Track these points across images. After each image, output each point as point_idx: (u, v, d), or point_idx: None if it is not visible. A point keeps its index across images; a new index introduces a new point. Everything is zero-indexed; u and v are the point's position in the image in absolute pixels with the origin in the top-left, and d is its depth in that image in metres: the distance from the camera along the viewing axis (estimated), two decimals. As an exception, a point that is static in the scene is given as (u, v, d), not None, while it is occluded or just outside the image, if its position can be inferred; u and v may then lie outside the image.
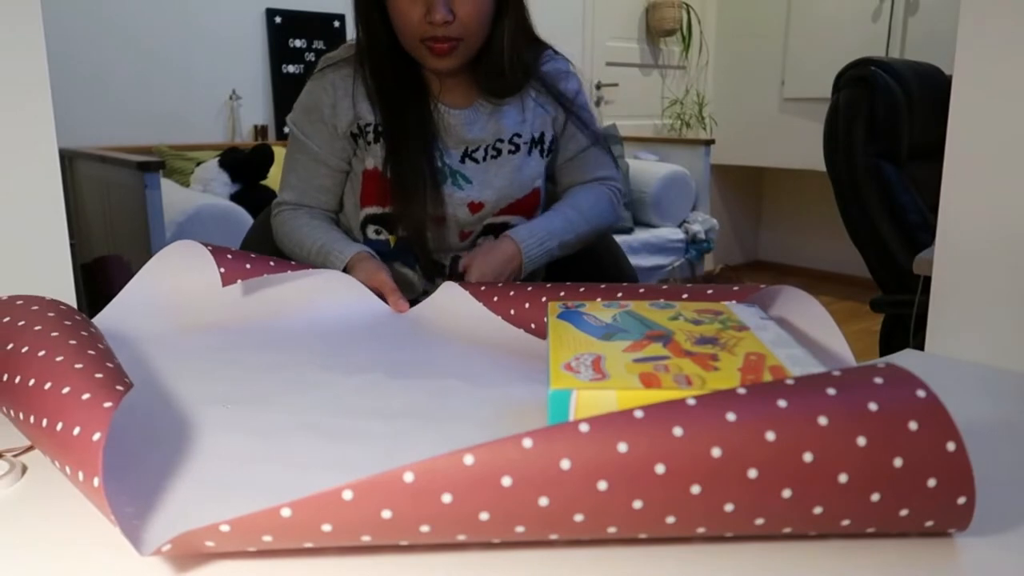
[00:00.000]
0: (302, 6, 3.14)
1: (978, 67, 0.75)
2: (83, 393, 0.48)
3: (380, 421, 0.59)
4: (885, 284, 1.86)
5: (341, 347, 0.78)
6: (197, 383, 0.67)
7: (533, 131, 1.12)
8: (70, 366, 0.51)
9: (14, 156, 0.79)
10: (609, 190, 1.17)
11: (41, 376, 0.51)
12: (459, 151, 1.09)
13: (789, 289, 0.70)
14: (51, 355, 0.53)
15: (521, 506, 0.37)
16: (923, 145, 1.88)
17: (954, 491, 0.40)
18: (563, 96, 1.13)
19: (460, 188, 1.08)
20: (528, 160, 1.11)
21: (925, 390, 0.41)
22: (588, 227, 1.12)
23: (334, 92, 1.07)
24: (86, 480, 0.43)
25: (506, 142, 1.10)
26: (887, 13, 3.72)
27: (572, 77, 1.16)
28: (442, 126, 1.08)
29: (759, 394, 0.40)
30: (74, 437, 0.45)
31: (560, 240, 1.07)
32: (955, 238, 0.78)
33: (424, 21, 0.98)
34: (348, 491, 0.37)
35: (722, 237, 4.37)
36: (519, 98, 1.11)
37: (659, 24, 4.24)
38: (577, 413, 0.47)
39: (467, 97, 1.10)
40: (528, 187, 1.12)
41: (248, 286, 0.87)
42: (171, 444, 0.55)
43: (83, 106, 2.70)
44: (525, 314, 0.79)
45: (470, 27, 1.00)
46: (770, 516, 0.39)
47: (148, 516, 0.45)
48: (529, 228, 1.06)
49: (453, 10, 0.98)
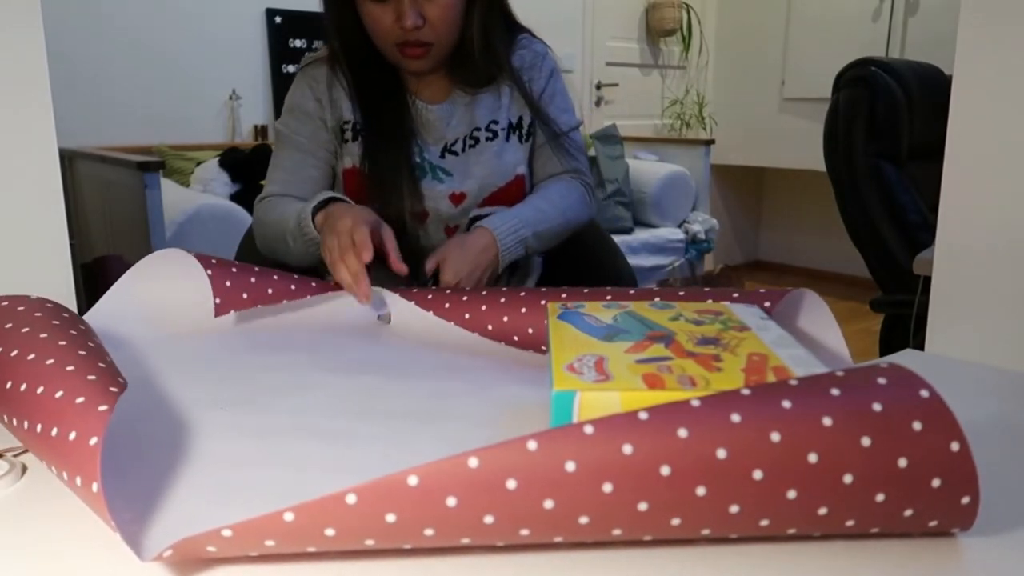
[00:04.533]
0: (302, 6, 3.14)
1: (978, 67, 0.75)
2: (77, 397, 0.47)
3: (378, 423, 0.58)
4: (885, 284, 1.86)
5: (336, 349, 0.77)
6: (192, 385, 0.66)
7: (510, 116, 1.10)
8: (61, 369, 0.50)
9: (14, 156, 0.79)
10: (580, 183, 1.14)
11: (33, 380, 0.50)
12: (438, 147, 1.08)
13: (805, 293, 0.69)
14: (41, 358, 0.52)
15: (526, 509, 0.37)
16: (923, 145, 1.88)
17: (958, 491, 0.40)
18: (528, 93, 1.10)
19: (440, 181, 1.07)
20: (507, 146, 1.10)
21: (928, 390, 0.41)
22: (561, 218, 1.07)
23: (318, 86, 1.07)
24: (84, 485, 0.43)
25: (483, 130, 1.09)
26: (887, 13, 3.72)
27: (547, 60, 1.12)
28: (420, 122, 1.08)
29: (763, 395, 0.40)
30: (70, 442, 0.44)
31: (534, 229, 1.03)
32: (955, 238, 0.78)
33: (396, 26, 0.98)
34: (352, 495, 0.36)
35: (722, 237, 4.37)
36: (496, 85, 1.10)
37: (659, 24, 4.24)
38: (581, 415, 0.47)
39: (444, 91, 1.09)
40: (510, 173, 1.09)
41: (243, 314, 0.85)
42: (167, 447, 0.54)
43: (83, 106, 2.69)
44: (510, 325, 0.78)
45: (440, 30, 1.00)
46: (775, 517, 0.39)
47: (147, 521, 0.44)
48: (501, 217, 1.02)
49: (423, 14, 0.98)
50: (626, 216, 3.49)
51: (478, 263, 0.97)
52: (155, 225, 2.14)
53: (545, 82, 1.12)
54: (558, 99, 1.13)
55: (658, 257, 3.48)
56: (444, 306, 0.82)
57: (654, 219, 3.59)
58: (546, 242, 1.07)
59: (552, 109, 1.12)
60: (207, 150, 2.85)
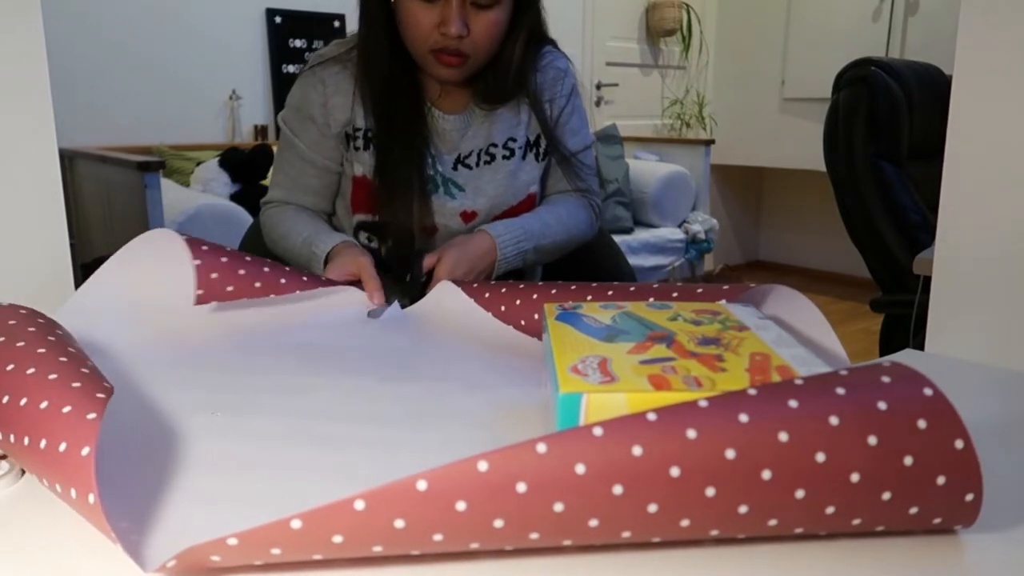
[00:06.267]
0: (302, 6, 3.14)
1: (978, 67, 0.75)
2: (63, 406, 0.45)
3: (375, 426, 0.58)
4: (885, 284, 1.86)
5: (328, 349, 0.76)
6: (181, 389, 0.64)
7: (529, 134, 1.09)
8: (43, 378, 0.48)
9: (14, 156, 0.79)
10: (589, 203, 1.13)
11: (15, 392, 0.48)
12: (452, 157, 1.06)
13: (780, 288, 0.70)
14: (21, 368, 0.50)
15: (536, 512, 0.37)
16: (923, 145, 1.88)
17: (962, 488, 0.40)
18: (546, 117, 1.08)
19: (452, 197, 1.05)
20: (523, 165, 1.08)
21: (932, 388, 0.41)
22: (566, 235, 1.08)
23: (324, 89, 1.04)
24: (80, 497, 0.41)
25: (500, 147, 1.07)
26: (887, 13, 3.72)
27: (568, 77, 1.11)
28: (435, 131, 1.06)
29: (770, 395, 0.40)
30: (60, 454, 0.43)
31: (536, 243, 1.03)
32: (955, 238, 0.78)
33: (436, 31, 0.95)
34: (360, 501, 0.36)
35: (722, 237, 4.38)
36: (515, 101, 1.08)
37: (659, 24, 4.24)
38: (588, 416, 0.46)
39: (461, 102, 1.07)
40: (523, 193, 1.08)
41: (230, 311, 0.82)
42: (160, 453, 0.53)
43: (83, 106, 2.69)
44: (515, 311, 0.78)
45: (481, 44, 0.97)
46: (783, 517, 0.39)
47: (145, 530, 0.43)
48: (506, 225, 1.01)
49: (468, 25, 0.95)
50: (626, 216, 3.49)
51: (474, 266, 0.96)
52: (155, 225, 2.14)
53: (565, 101, 1.10)
54: (575, 119, 1.12)
55: (658, 257, 3.48)
56: (484, 295, 0.81)
57: (654, 219, 3.59)
58: (545, 256, 1.07)
59: (568, 129, 1.11)
60: (207, 150, 2.85)
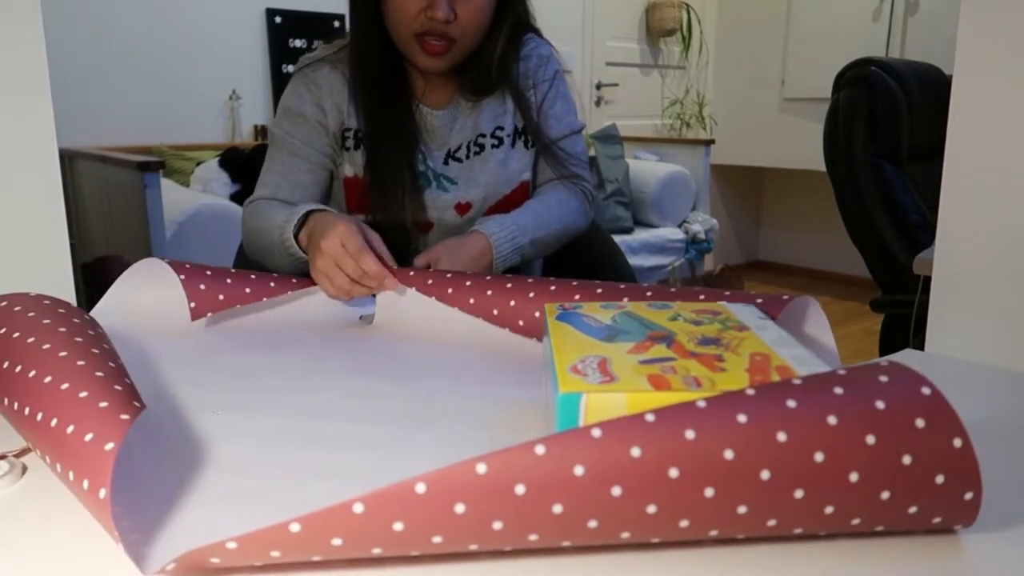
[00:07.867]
0: (302, 6, 3.14)
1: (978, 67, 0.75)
2: (101, 400, 0.46)
3: (374, 426, 0.58)
4: (885, 284, 1.86)
5: (324, 350, 0.77)
6: (182, 389, 0.65)
7: (516, 122, 1.08)
8: (91, 372, 0.50)
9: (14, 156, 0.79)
10: (580, 190, 1.12)
11: (58, 375, 0.49)
12: (442, 153, 1.06)
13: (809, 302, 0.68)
14: (73, 357, 0.51)
15: (535, 514, 0.37)
16: (923, 145, 1.88)
17: (961, 487, 0.40)
18: (528, 104, 1.08)
19: (445, 191, 1.05)
20: (513, 153, 1.08)
21: (930, 387, 0.41)
22: (560, 225, 1.05)
23: (318, 90, 1.04)
24: (91, 490, 0.42)
25: (488, 136, 1.07)
26: (887, 13, 3.72)
27: (550, 63, 1.10)
28: (424, 128, 1.06)
29: (768, 395, 0.40)
30: (84, 443, 0.43)
31: (532, 236, 1.01)
32: (955, 238, 0.78)
33: (422, 15, 0.95)
34: (359, 504, 0.36)
35: (722, 237, 4.37)
36: (500, 91, 1.07)
37: (659, 24, 4.24)
38: (587, 416, 0.46)
39: (447, 96, 1.07)
40: (515, 180, 1.08)
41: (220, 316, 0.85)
42: (161, 453, 0.53)
43: (83, 106, 2.69)
44: (513, 312, 0.78)
45: (468, 29, 0.97)
46: (782, 517, 0.39)
47: (147, 530, 0.44)
48: (499, 223, 0.99)
49: (455, 9, 0.95)
50: (626, 216, 3.49)
51: (470, 269, 0.95)
52: (155, 225, 2.14)
53: (548, 86, 1.10)
54: (559, 104, 1.11)
55: (658, 257, 3.48)
56: (447, 291, 0.82)
57: (654, 219, 3.59)
58: (542, 249, 1.06)
59: (552, 115, 1.10)
60: (207, 150, 2.85)
